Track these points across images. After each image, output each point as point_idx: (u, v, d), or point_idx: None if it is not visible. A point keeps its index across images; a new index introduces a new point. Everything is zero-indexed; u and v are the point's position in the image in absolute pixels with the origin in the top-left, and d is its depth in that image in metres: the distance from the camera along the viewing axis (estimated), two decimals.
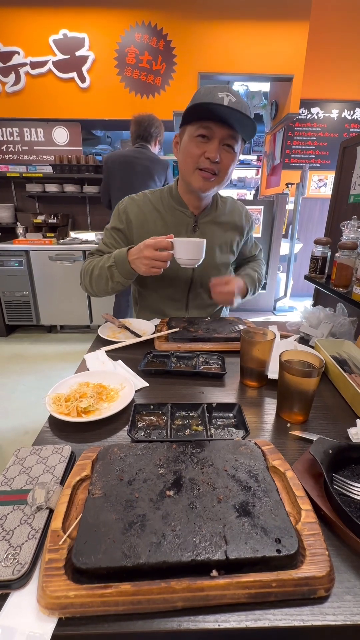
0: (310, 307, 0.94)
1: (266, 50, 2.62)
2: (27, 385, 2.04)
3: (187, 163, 0.83)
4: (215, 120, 0.76)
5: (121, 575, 0.30)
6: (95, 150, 3.21)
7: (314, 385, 0.52)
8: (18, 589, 0.31)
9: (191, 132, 0.80)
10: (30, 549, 0.32)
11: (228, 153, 0.80)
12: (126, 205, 0.95)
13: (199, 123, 0.78)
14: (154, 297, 1.00)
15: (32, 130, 2.81)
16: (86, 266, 0.94)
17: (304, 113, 3.15)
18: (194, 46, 2.60)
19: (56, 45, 2.56)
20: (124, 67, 2.62)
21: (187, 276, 0.96)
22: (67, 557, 0.31)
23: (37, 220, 2.86)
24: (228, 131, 0.77)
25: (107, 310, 2.52)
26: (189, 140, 0.81)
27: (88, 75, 2.62)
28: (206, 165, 0.80)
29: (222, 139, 0.78)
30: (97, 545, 0.31)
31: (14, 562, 0.31)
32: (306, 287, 3.42)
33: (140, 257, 0.78)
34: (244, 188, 4.24)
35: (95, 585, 0.29)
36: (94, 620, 0.29)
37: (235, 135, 0.79)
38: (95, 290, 0.92)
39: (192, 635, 0.28)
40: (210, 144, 0.79)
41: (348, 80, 3.06)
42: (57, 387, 0.59)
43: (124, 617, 0.29)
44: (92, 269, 0.91)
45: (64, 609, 0.28)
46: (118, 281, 0.85)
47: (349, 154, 1.07)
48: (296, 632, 0.28)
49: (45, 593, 0.29)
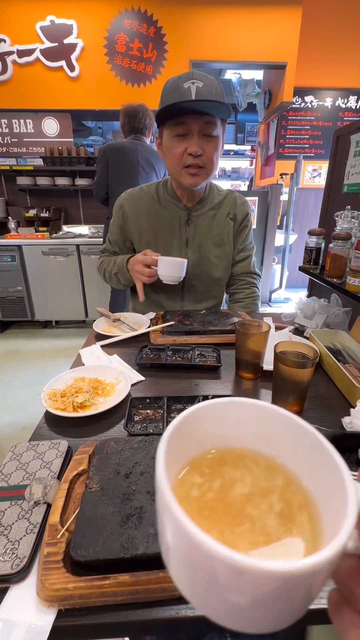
0: (304, 298, 0.95)
1: (259, 37, 2.56)
2: (24, 381, 2.03)
3: (173, 164, 0.83)
4: (187, 114, 0.75)
5: (119, 567, 0.30)
6: (86, 142, 3.14)
7: (308, 376, 0.53)
8: (17, 583, 0.31)
9: (168, 132, 0.80)
10: (29, 543, 0.33)
11: (209, 142, 0.80)
12: (122, 200, 0.98)
13: (173, 121, 0.77)
14: (150, 289, 1.00)
15: (21, 121, 2.74)
16: (100, 265, 1.06)
17: (298, 102, 3.11)
18: (186, 33, 2.54)
19: (43, 32, 2.48)
20: (113, 55, 2.55)
21: None
22: (65, 550, 0.31)
23: (29, 214, 2.81)
24: (203, 120, 0.76)
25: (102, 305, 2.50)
26: (168, 141, 0.81)
27: (77, 63, 2.55)
28: (190, 161, 0.80)
29: (200, 130, 0.77)
30: (95, 538, 0.31)
31: (12, 557, 0.31)
32: (301, 278, 3.43)
33: (132, 269, 0.92)
34: (238, 179, 4.20)
35: (94, 577, 0.29)
36: (93, 610, 0.29)
37: (213, 120, 0.77)
38: (115, 285, 1.05)
39: (190, 622, 0.29)
40: (189, 139, 0.78)
41: (342, 68, 3.02)
42: (52, 383, 0.59)
43: (123, 606, 0.29)
44: (104, 271, 1.04)
45: (64, 600, 0.29)
46: (125, 284, 1.00)
47: (343, 143, 1.06)
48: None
49: (44, 586, 0.29)
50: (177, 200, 0.93)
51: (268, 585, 0.12)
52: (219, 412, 0.20)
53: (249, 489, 0.18)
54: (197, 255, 0.96)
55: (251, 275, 1.04)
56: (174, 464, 0.18)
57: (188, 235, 0.95)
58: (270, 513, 0.17)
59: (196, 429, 0.19)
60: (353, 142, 1.00)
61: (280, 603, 0.13)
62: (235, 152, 4.30)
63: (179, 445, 0.18)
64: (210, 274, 0.98)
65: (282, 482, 0.19)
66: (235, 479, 0.19)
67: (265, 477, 0.19)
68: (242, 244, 1.01)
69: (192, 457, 0.20)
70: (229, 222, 0.98)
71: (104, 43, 2.52)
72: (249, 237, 1.03)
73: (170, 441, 0.17)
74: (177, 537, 0.14)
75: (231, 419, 0.20)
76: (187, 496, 0.18)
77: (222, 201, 0.98)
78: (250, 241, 1.04)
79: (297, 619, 0.15)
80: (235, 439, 0.20)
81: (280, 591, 0.12)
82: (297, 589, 0.13)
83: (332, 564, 0.12)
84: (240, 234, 1.01)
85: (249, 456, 0.20)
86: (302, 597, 0.14)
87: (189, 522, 0.13)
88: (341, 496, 0.14)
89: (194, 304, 1.01)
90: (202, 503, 0.18)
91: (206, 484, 0.19)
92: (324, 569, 0.12)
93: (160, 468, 0.15)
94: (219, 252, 0.98)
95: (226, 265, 1.01)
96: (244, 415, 0.20)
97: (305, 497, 0.18)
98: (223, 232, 0.98)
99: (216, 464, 0.20)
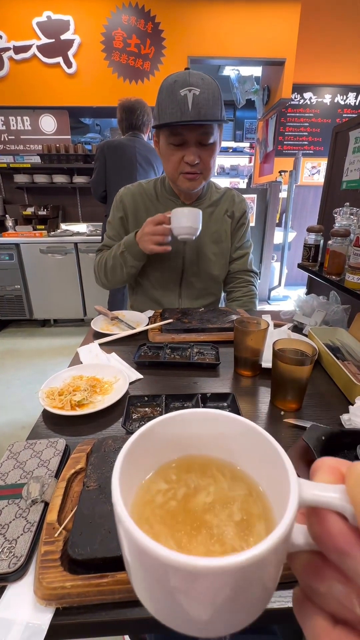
0: (303, 295, 0.95)
1: (257, 33, 2.55)
2: (22, 379, 2.03)
3: (170, 169, 0.84)
4: (184, 125, 0.75)
5: (117, 565, 0.30)
6: (84, 139, 3.12)
7: (307, 373, 0.53)
8: (14, 582, 0.31)
9: (165, 138, 0.80)
10: (26, 542, 0.32)
11: (206, 150, 0.80)
12: (122, 195, 0.97)
13: (169, 131, 0.77)
14: (148, 285, 1.00)
15: (18, 118, 2.72)
16: (98, 261, 0.99)
17: (297, 98, 3.10)
18: (184, 29, 2.52)
19: (40, 28, 2.46)
20: (111, 51, 2.53)
21: (178, 265, 0.96)
22: (63, 549, 0.31)
23: (26, 213, 2.79)
24: (200, 131, 0.76)
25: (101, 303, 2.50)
26: (165, 147, 0.81)
27: (74, 60, 2.53)
28: (188, 169, 0.81)
29: (197, 140, 0.78)
30: (93, 536, 0.31)
31: (9, 556, 0.31)
32: (300, 275, 3.43)
33: (143, 235, 0.84)
34: (237, 176, 4.19)
35: (92, 575, 0.29)
36: (91, 609, 0.29)
37: (209, 130, 0.77)
38: (112, 282, 0.97)
39: None
40: (186, 148, 0.79)
41: (341, 64, 3.00)
42: (50, 381, 0.59)
43: (121, 604, 0.29)
44: (105, 262, 0.96)
45: (61, 599, 0.29)
46: (131, 265, 0.90)
47: (342, 139, 1.06)
48: (289, 613, 0.29)
49: (41, 584, 0.29)
50: (175, 197, 0.93)
51: (214, 582, 0.12)
52: (182, 423, 0.21)
53: (212, 498, 0.19)
54: (194, 252, 0.96)
55: (248, 274, 1.04)
56: (139, 470, 0.19)
57: None
58: (229, 522, 0.17)
59: (161, 438, 0.20)
60: (352, 138, 1.00)
61: (230, 600, 0.13)
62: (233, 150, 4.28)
63: (144, 452, 0.19)
64: (207, 270, 0.98)
65: (244, 492, 0.19)
66: (199, 487, 0.20)
67: (229, 486, 0.20)
68: (240, 241, 1.01)
69: (159, 465, 0.21)
70: (227, 220, 0.98)
71: (101, 39, 2.50)
72: (246, 235, 1.03)
73: (132, 449, 0.18)
74: (127, 543, 0.14)
75: (194, 429, 0.21)
76: (150, 501, 0.19)
77: (220, 199, 0.97)
78: (248, 239, 1.04)
79: (256, 617, 0.15)
80: (199, 447, 0.21)
81: (225, 587, 0.13)
82: (240, 583, 0.13)
83: (272, 554, 0.12)
84: (237, 232, 1.01)
85: (214, 464, 0.21)
86: (251, 593, 0.14)
87: (136, 529, 0.13)
88: (287, 492, 0.14)
89: (191, 301, 1.01)
90: (165, 510, 0.18)
91: (171, 491, 0.19)
92: (265, 560, 0.12)
93: (115, 477, 0.16)
94: (216, 249, 0.98)
95: (224, 263, 1.01)
96: (205, 424, 0.21)
97: (264, 505, 0.18)
98: (221, 230, 0.97)
99: (183, 471, 0.21)
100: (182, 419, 0.21)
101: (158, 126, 0.78)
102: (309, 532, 0.14)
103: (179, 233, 0.80)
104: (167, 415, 0.21)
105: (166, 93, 0.75)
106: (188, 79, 0.72)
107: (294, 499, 0.14)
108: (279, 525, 0.13)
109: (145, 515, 0.18)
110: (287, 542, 0.14)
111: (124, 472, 0.16)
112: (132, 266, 0.90)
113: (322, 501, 0.13)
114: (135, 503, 0.18)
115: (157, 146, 0.87)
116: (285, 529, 0.13)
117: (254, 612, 0.15)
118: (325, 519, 0.13)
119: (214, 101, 0.74)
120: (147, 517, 0.18)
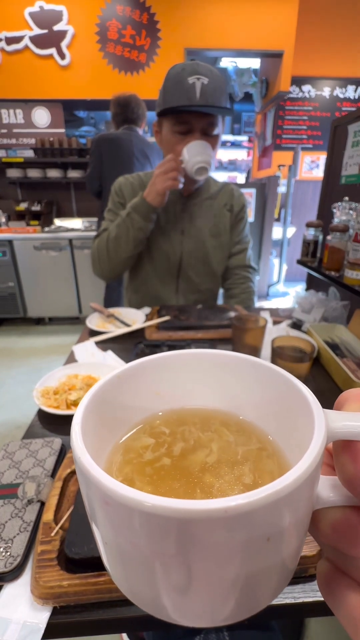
0: (302, 292, 0.94)
1: (255, 24, 2.50)
2: (16, 379, 2.01)
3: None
4: (191, 113, 0.74)
5: None
6: (78, 133, 3.07)
7: (306, 370, 0.53)
8: (11, 581, 0.31)
9: (169, 126, 0.79)
10: (22, 541, 0.32)
11: (210, 141, 0.79)
12: (120, 184, 0.96)
13: (175, 118, 0.76)
14: (146, 278, 0.99)
15: (10, 111, 2.66)
16: (98, 243, 0.93)
17: (295, 91, 3.06)
18: (180, 20, 2.47)
19: (32, 18, 2.40)
20: (105, 42, 2.48)
21: (176, 258, 0.95)
22: (59, 548, 0.31)
23: (19, 208, 2.75)
24: (206, 120, 0.76)
25: (96, 301, 2.49)
26: (169, 134, 0.80)
27: (68, 51, 2.48)
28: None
29: (202, 129, 0.77)
30: (90, 535, 0.31)
31: (6, 555, 0.31)
32: (299, 271, 3.42)
33: (154, 180, 0.80)
34: (235, 170, 4.15)
35: (89, 574, 0.29)
36: (88, 607, 0.29)
37: (215, 120, 0.77)
38: (114, 259, 0.91)
39: None
40: (190, 138, 0.78)
41: (340, 57, 2.96)
42: (45, 380, 0.58)
43: (118, 603, 0.29)
44: (106, 237, 0.90)
45: (58, 598, 0.29)
46: (139, 227, 0.85)
47: (341, 133, 1.04)
48: (288, 609, 0.29)
49: (38, 584, 0.29)
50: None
51: (211, 536, 0.09)
52: (163, 368, 0.18)
53: (216, 457, 0.15)
54: (192, 244, 0.95)
55: (247, 269, 1.03)
56: (114, 426, 0.16)
57: (184, 224, 0.94)
58: (236, 485, 0.14)
59: (137, 387, 0.17)
60: (351, 132, 0.99)
61: (236, 573, 0.10)
62: (232, 143, 4.23)
63: (117, 405, 0.16)
64: (206, 263, 0.98)
65: (257, 446, 0.16)
66: (198, 444, 0.16)
67: (236, 441, 0.16)
68: (238, 236, 1.01)
69: (140, 420, 0.17)
70: (226, 213, 0.97)
71: (96, 30, 2.45)
72: (245, 230, 1.02)
73: (99, 398, 0.14)
74: (89, 494, 0.11)
75: (180, 375, 0.18)
76: (130, 461, 0.15)
77: (218, 192, 0.97)
78: (247, 234, 1.03)
79: (265, 604, 0.11)
80: (188, 397, 0.18)
81: (228, 546, 0.09)
82: (252, 540, 0.09)
83: (296, 495, 0.09)
84: (237, 226, 1.00)
85: (212, 416, 0.18)
86: (262, 559, 0.10)
87: (101, 473, 0.10)
88: (310, 429, 0.11)
89: (189, 295, 1.01)
90: (153, 468, 0.15)
91: (159, 447, 0.16)
92: (286, 503, 0.09)
93: (76, 423, 0.13)
94: (215, 242, 0.97)
95: (222, 257, 1.00)
96: (195, 368, 0.18)
97: (279, 461, 0.15)
98: (220, 223, 0.97)
99: (175, 424, 0.17)
100: (164, 362, 0.17)
101: (164, 111, 0.75)
102: (341, 476, 0.11)
103: (195, 163, 0.77)
104: (142, 359, 0.17)
105: (173, 80, 0.74)
106: (197, 68, 0.72)
107: (320, 430, 0.11)
108: (304, 458, 0.10)
109: (124, 473, 0.14)
110: (314, 487, 0.10)
111: (89, 423, 0.13)
112: (139, 228, 0.85)
113: (357, 432, 0.11)
114: (110, 461, 0.15)
115: (159, 136, 0.85)
116: (312, 462, 0.10)
117: (264, 594, 0.11)
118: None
119: (220, 92, 0.73)
120: (126, 475, 0.14)
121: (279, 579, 0.11)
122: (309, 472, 0.10)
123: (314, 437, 0.11)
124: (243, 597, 0.11)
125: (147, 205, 0.83)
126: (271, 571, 0.11)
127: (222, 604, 0.10)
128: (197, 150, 0.76)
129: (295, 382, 0.14)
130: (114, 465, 0.15)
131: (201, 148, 0.77)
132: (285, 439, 0.15)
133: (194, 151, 0.76)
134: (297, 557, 0.12)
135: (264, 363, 0.16)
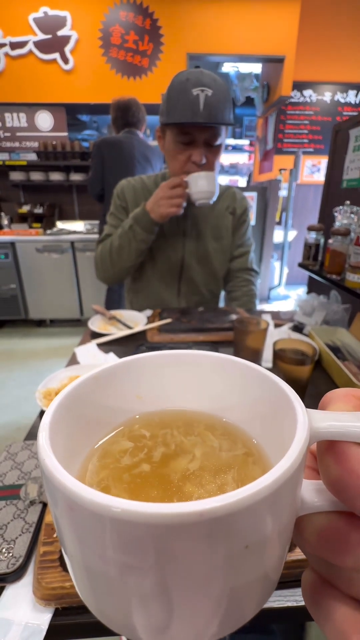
0: (304, 295, 0.95)
1: (257, 29, 2.53)
2: (18, 380, 2.02)
3: (175, 168, 0.83)
4: (194, 125, 0.75)
5: None
6: (81, 136, 3.09)
7: (307, 374, 0.53)
8: (13, 582, 0.31)
9: (172, 135, 0.79)
10: (25, 542, 0.32)
11: (213, 150, 0.80)
12: (123, 187, 0.97)
13: (178, 129, 0.77)
14: (147, 280, 0.99)
15: (13, 115, 2.69)
16: (101, 250, 0.95)
17: (297, 96, 3.08)
18: (182, 25, 2.50)
19: (37, 24, 2.43)
20: (109, 47, 2.51)
21: (178, 260, 0.96)
22: (61, 549, 0.31)
23: (22, 211, 2.77)
24: (209, 132, 0.76)
25: (98, 303, 2.50)
26: (172, 143, 0.81)
27: (71, 56, 2.50)
28: (194, 168, 0.80)
29: (205, 140, 0.78)
30: None
31: (8, 556, 0.31)
32: (301, 275, 3.43)
33: (157, 200, 0.81)
34: (237, 174, 4.17)
35: None
36: None
37: (218, 131, 0.78)
38: (117, 267, 0.92)
39: None
40: (193, 148, 0.79)
41: (341, 62, 2.99)
42: (47, 382, 0.58)
43: None
44: (109, 246, 0.91)
45: (60, 599, 0.29)
46: (141, 239, 0.86)
47: (342, 137, 1.05)
48: (290, 612, 0.29)
49: (40, 585, 0.29)
50: None
51: (185, 543, 0.08)
52: (144, 368, 0.17)
53: (199, 464, 0.15)
54: (194, 247, 0.96)
55: (249, 272, 1.04)
56: (91, 430, 0.16)
57: (186, 226, 0.95)
58: (217, 494, 0.14)
59: (117, 388, 0.16)
60: (352, 136, 1.00)
61: (210, 583, 0.09)
62: (233, 147, 4.26)
63: (94, 407, 0.15)
64: (208, 266, 0.98)
65: (242, 451, 0.15)
66: (180, 449, 0.15)
67: (221, 446, 0.15)
68: (241, 239, 1.01)
69: (119, 423, 0.17)
70: (228, 216, 0.98)
71: (99, 35, 2.48)
72: (247, 233, 1.03)
73: (73, 397, 0.14)
74: (54, 500, 0.10)
75: (162, 376, 0.17)
76: (106, 466, 0.15)
77: (221, 195, 0.97)
78: (249, 237, 1.04)
79: (245, 620, 0.10)
80: (171, 399, 0.17)
81: (205, 554, 0.08)
82: (229, 547, 0.08)
83: (277, 498, 0.09)
84: (239, 229, 1.00)
85: (196, 419, 0.17)
86: (241, 568, 0.09)
87: (67, 476, 0.09)
88: (292, 430, 0.11)
89: (190, 297, 1.01)
90: (130, 475, 0.14)
91: (138, 452, 0.15)
92: (266, 507, 0.09)
93: (45, 423, 0.12)
94: (217, 245, 0.98)
95: (224, 259, 1.00)
96: (177, 369, 0.17)
97: (264, 467, 0.14)
98: (222, 225, 0.97)
99: (157, 427, 0.16)
100: (145, 362, 0.17)
101: (168, 124, 0.77)
102: (325, 479, 0.10)
103: (198, 197, 0.78)
104: (122, 359, 0.16)
105: (177, 90, 0.74)
106: (201, 78, 0.72)
107: (302, 429, 0.10)
108: (284, 458, 0.09)
109: (99, 479, 0.14)
110: (296, 489, 0.10)
111: (61, 424, 0.12)
112: (141, 240, 0.86)
113: (342, 431, 0.10)
114: (85, 466, 0.14)
115: (161, 141, 0.86)
116: (294, 462, 0.09)
117: (247, 607, 0.10)
118: (347, 453, 0.10)
119: (224, 103, 0.74)
120: (101, 481, 0.14)
121: (262, 590, 0.10)
122: (290, 472, 0.09)
123: (296, 436, 0.10)
124: (224, 612, 0.10)
125: (150, 219, 0.84)
126: (253, 582, 0.10)
127: (203, 622, 0.10)
128: (202, 184, 0.77)
129: (277, 381, 0.13)
130: (89, 471, 0.14)
131: (206, 181, 0.77)
132: (271, 442, 0.14)
133: (200, 185, 0.77)
134: (280, 567, 0.11)
135: (246, 363, 0.15)
